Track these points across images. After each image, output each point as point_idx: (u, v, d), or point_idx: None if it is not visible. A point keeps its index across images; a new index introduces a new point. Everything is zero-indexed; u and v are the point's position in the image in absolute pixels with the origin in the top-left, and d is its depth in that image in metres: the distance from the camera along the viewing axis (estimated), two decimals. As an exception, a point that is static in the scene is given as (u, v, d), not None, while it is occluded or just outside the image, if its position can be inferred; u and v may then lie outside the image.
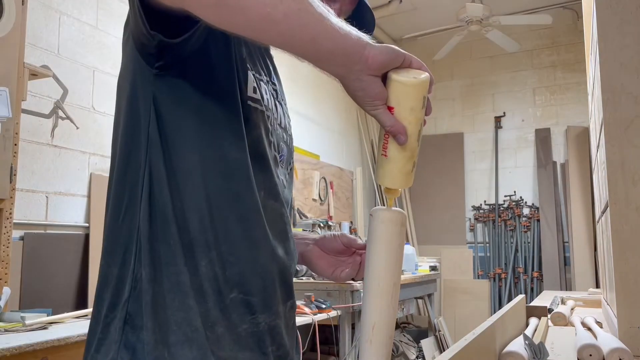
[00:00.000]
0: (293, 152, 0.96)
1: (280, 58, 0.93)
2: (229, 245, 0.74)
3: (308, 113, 4.80)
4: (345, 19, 0.92)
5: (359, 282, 3.00)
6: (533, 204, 5.50)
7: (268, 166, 0.81)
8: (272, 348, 0.77)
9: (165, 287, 0.71)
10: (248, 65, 0.79)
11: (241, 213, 0.76)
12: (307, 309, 2.74)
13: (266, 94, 0.83)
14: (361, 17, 0.94)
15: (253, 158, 0.77)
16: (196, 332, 0.70)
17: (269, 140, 0.82)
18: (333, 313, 2.91)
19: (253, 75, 0.80)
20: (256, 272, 0.76)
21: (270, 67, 0.91)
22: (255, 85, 0.80)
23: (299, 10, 0.62)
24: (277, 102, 0.88)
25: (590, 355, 0.96)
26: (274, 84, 0.89)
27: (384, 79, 0.70)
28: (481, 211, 5.73)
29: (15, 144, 2.05)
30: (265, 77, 0.86)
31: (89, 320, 0.78)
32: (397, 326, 4.65)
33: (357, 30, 0.68)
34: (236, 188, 0.75)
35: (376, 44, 0.69)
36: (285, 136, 0.90)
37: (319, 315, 2.78)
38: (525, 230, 5.45)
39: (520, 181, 5.62)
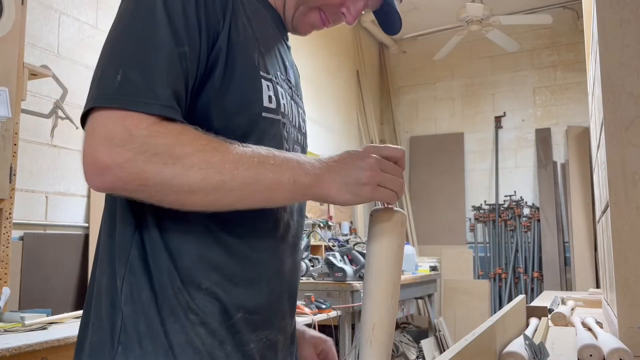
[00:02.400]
0: (307, 148, 0.95)
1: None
2: (233, 266, 0.74)
3: (308, 113, 4.77)
4: (374, 13, 0.90)
5: (359, 282, 3.00)
6: (533, 204, 5.49)
7: None
8: None
9: (165, 310, 0.70)
10: (261, 74, 0.78)
11: (242, 235, 0.75)
12: (307, 309, 2.74)
13: (283, 98, 0.82)
14: (389, 13, 0.90)
15: None
16: (200, 355, 0.70)
17: (283, 149, 0.81)
18: (333, 313, 2.90)
19: (268, 82, 0.79)
20: (262, 292, 0.76)
21: (287, 61, 0.89)
22: (272, 94, 0.79)
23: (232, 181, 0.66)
24: (292, 102, 0.87)
25: (591, 355, 0.96)
26: (289, 81, 0.88)
27: None
28: (481, 211, 5.72)
29: (15, 144, 2.05)
30: (281, 75, 0.84)
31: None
32: (397, 326, 4.65)
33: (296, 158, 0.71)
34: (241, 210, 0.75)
35: (324, 172, 0.71)
36: (299, 137, 0.89)
37: (319, 315, 2.78)
38: (526, 230, 5.45)
39: (520, 181, 5.62)
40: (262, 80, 0.77)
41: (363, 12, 0.88)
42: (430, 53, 5.49)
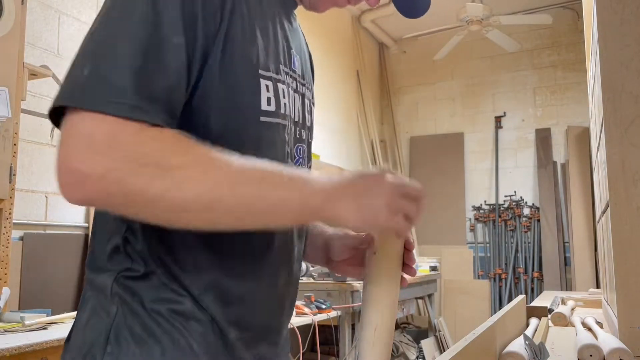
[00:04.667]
0: (312, 142, 0.90)
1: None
2: (227, 283, 0.70)
3: (308, 113, 4.79)
4: None
5: (359, 282, 3.00)
6: (533, 204, 5.49)
7: None
8: None
9: (156, 314, 0.67)
10: (260, 72, 0.72)
11: (241, 253, 0.72)
12: (307, 310, 2.74)
13: (284, 97, 0.76)
14: None
15: None
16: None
17: (285, 152, 0.77)
18: (333, 313, 2.90)
19: (268, 80, 0.73)
20: (255, 309, 0.74)
21: (292, 47, 0.82)
22: (271, 95, 0.73)
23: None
24: (296, 94, 0.81)
25: (591, 355, 0.96)
26: (294, 71, 0.81)
27: None
28: (481, 211, 5.72)
29: (15, 144, 2.05)
30: (284, 68, 0.77)
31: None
32: (397, 326, 4.65)
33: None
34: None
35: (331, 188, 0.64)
36: (304, 133, 0.84)
37: (318, 315, 2.77)
38: (526, 230, 5.45)
39: (520, 181, 5.61)
40: (261, 79, 0.72)
41: None
42: (430, 53, 5.49)
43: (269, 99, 0.72)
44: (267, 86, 0.72)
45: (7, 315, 1.85)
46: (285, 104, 0.76)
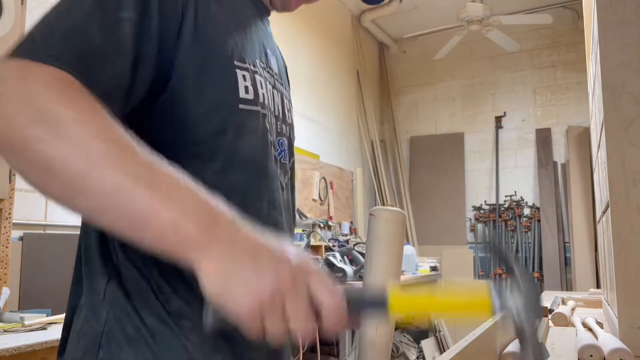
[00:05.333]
0: (294, 140, 0.90)
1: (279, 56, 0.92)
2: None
3: (308, 113, 4.79)
4: None
5: (359, 282, 3.00)
6: (534, 204, 5.49)
7: (266, 173, 0.76)
8: None
9: (146, 314, 0.66)
10: (236, 63, 0.72)
11: None
12: (307, 309, 2.73)
13: (262, 87, 0.76)
14: None
15: (248, 169, 0.73)
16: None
17: (268, 140, 0.77)
18: (333, 313, 2.90)
19: (244, 71, 0.73)
20: None
21: (267, 48, 0.84)
22: (248, 84, 0.73)
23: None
24: (275, 90, 0.82)
25: (591, 355, 0.96)
26: (270, 68, 0.82)
27: None
28: (482, 211, 5.72)
29: (15, 144, 2.04)
30: (260, 63, 0.79)
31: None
32: (397, 326, 4.64)
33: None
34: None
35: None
36: (284, 128, 0.84)
37: (319, 315, 2.77)
38: (526, 230, 5.45)
39: (520, 181, 5.61)
40: (237, 70, 0.72)
41: None
42: (430, 53, 5.49)
43: (246, 87, 0.72)
44: (243, 76, 0.72)
45: (7, 315, 1.85)
46: (263, 94, 0.76)
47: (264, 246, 0.51)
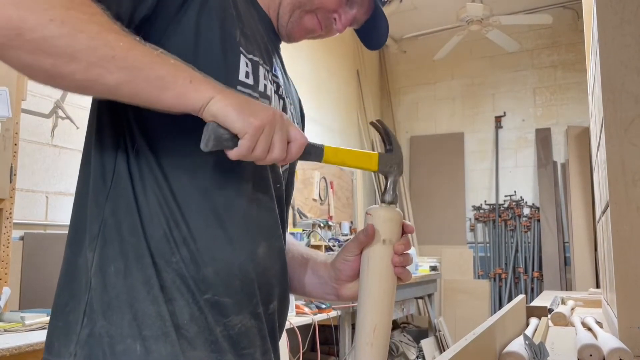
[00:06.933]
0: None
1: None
2: (202, 243, 0.71)
3: (308, 113, 4.76)
4: (356, 30, 0.91)
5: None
6: (533, 204, 5.49)
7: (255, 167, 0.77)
8: (248, 351, 0.74)
9: (134, 281, 0.68)
10: (242, 50, 0.75)
11: (213, 209, 0.72)
12: (307, 309, 2.74)
13: (265, 79, 0.79)
14: (374, 28, 0.90)
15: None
16: (169, 329, 0.68)
17: None
18: (333, 313, 2.91)
19: (249, 60, 0.76)
20: (232, 273, 0.72)
21: (274, 62, 0.87)
22: (249, 70, 0.76)
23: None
24: (278, 95, 0.84)
25: (591, 355, 0.96)
26: (276, 76, 0.85)
27: None
28: (481, 211, 5.72)
29: (15, 144, 2.05)
30: (265, 65, 0.81)
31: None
32: (397, 326, 4.64)
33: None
34: (203, 184, 0.72)
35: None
36: None
37: (318, 315, 2.78)
38: (526, 230, 5.45)
39: (520, 181, 5.62)
40: (242, 55, 0.75)
41: (350, 26, 0.88)
42: (430, 53, 5.48)
43: (247, 73, 0.76)
44: (246, 63, 0.76)
45: (7, 315, 1.85)
46: (265, 85, 0.79)
47: (256, 100, 0.69)
